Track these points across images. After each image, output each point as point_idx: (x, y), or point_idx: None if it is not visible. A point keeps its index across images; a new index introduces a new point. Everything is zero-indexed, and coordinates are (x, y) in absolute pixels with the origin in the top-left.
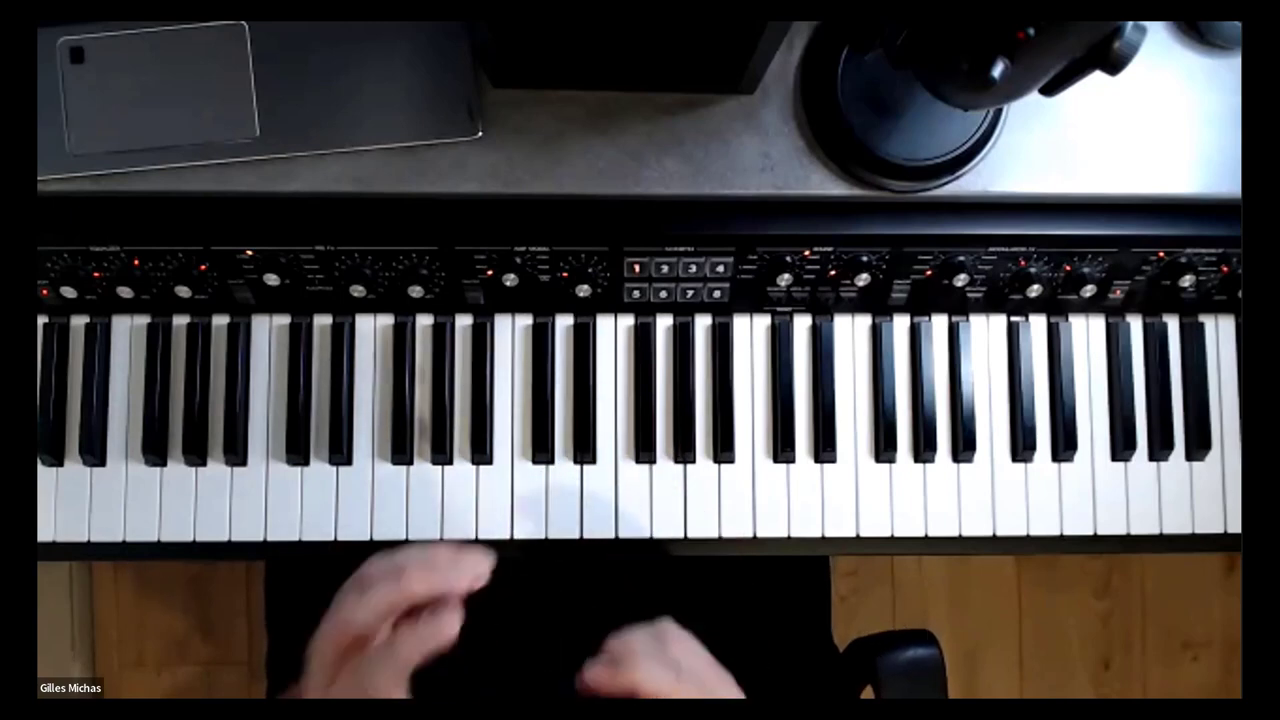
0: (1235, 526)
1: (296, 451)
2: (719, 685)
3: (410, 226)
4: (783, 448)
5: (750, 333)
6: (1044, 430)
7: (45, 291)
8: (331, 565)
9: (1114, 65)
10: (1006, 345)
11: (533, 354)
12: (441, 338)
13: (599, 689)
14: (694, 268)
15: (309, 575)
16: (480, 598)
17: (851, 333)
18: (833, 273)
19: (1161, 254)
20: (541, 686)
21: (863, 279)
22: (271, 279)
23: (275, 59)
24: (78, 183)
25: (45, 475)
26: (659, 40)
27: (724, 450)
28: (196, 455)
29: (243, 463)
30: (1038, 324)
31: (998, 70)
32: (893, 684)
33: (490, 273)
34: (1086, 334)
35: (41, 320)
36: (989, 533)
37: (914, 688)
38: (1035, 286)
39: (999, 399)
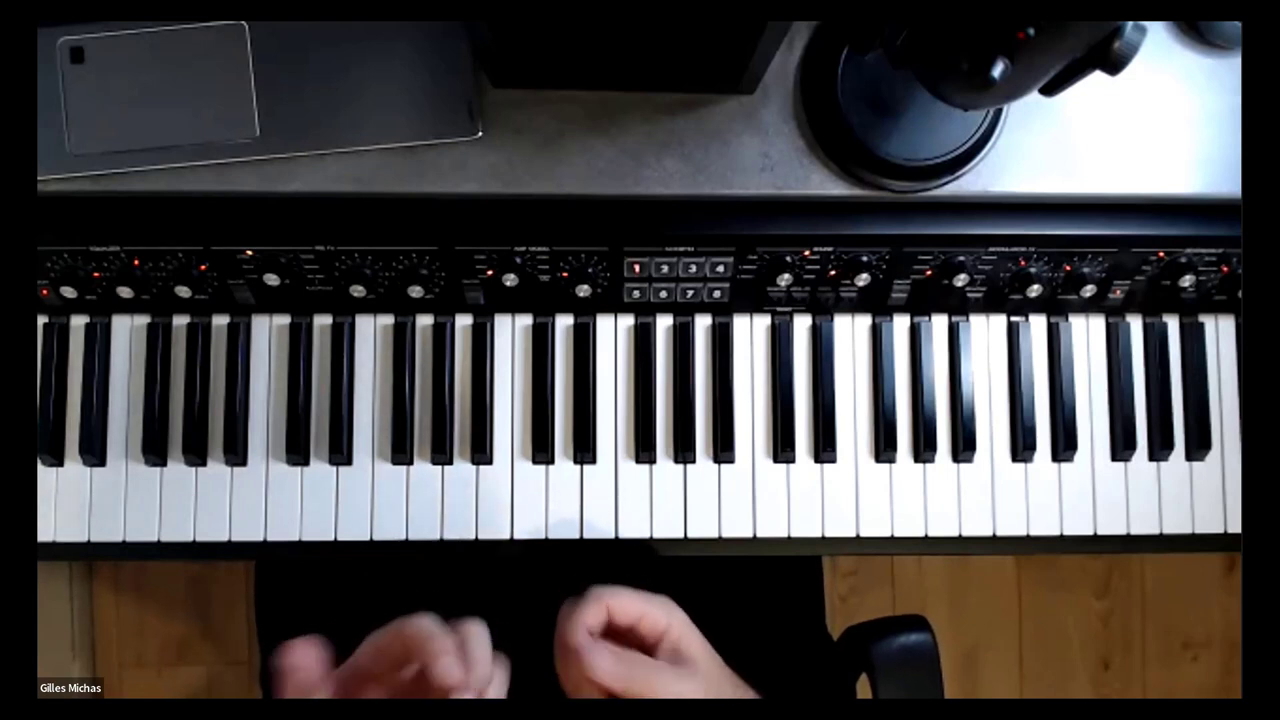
0: (1235, 526)
1: (296, 451)
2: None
3: (410, 226)
4: (783, 448)
5: (750, 333)
6: (1044, 430)
7: (45, 291)
8: (319, 571)
9: (1114, 65)
10: (1006, 345)
11: (533, 354)
12: (441, 338)
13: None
14: (694, 268)
15: (298, 582)
16: (478, 598)
17: (851, 333)
18: (833, 273)
19: (1161, 254)
20: (540, 687)
21: (863, 279)
22: (271, 279)
23: (275, 59)
24: (78, 183)
25: (45, 475)
26: (659, 40)
27: (724, 450)
28: (196, 455)
29: (243, 463)
30: (1038, 324)
31: (998, 70)
32: (887, 671)
33: (490, 273)
34: (1086, 334)
35: (41, 320)
36: (989, 533)
37: (909, 674)
38: (1035, 286)
39: (999, 399)
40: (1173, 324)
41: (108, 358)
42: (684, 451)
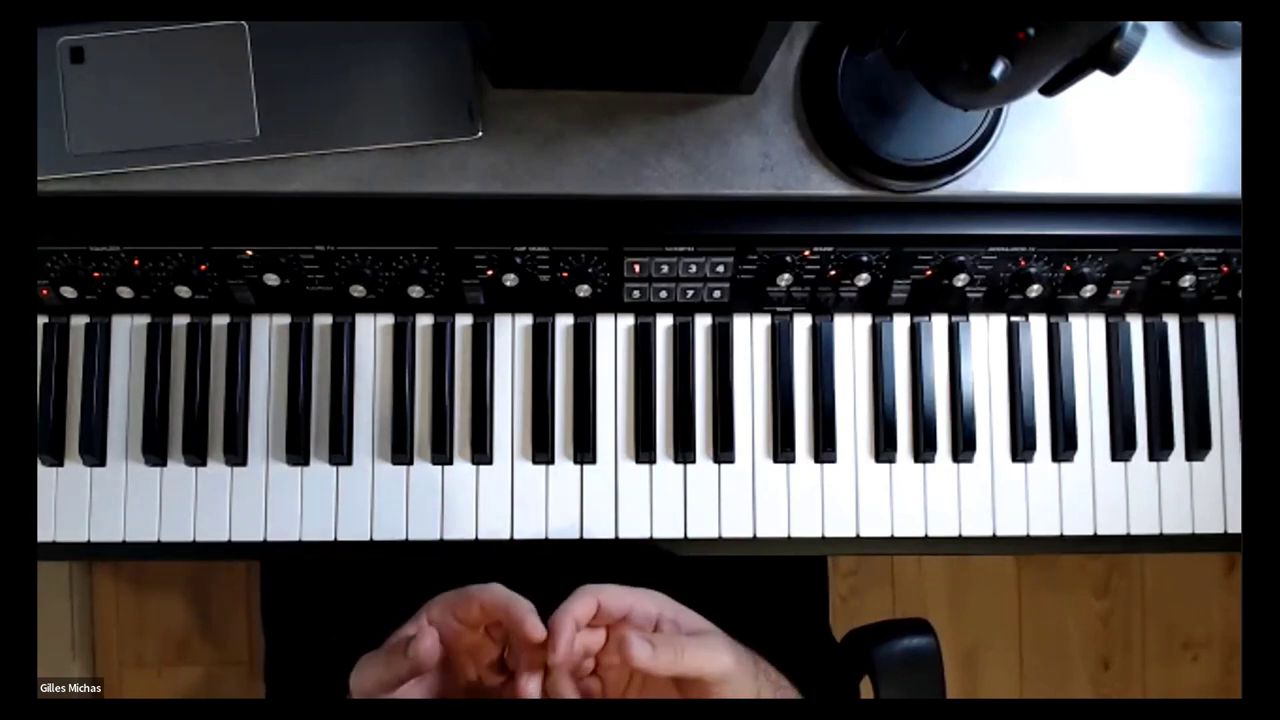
0: (1235, 526)
1: (296, 451)
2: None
3: (410, 226)
4: (783, 448)
5: (750, 333)
6: (1044, 430)
7: (45, 291)
8: (326, 570)
9: (1114, 65)
10: (1006, 345)
11: (533, 354)
12: (441, 338)
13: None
14: (694, 268)
15: (305, 580)
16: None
17: (851, 333)
18: (833, 273)
19: (1161, 254)
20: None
21: (863, 279)
22: (271, 279)
23: (275, 59)
24: (78, 183)
25: (45, 475)
26: (659, 40)
27: (724, 450)
28: (196, 455)
29: (243, 463)
30: (1038, 324)
31: (998, 70)
32: (889, 674)
33: (490, 273)
34: (1086, 334)
35: (41, 320)
36: (989, 533)
37: (911, 677)
38: (1035, 286)
39: (999, 399)
40: (1173, 324)
41: (108, 358)
42: (684, 451)
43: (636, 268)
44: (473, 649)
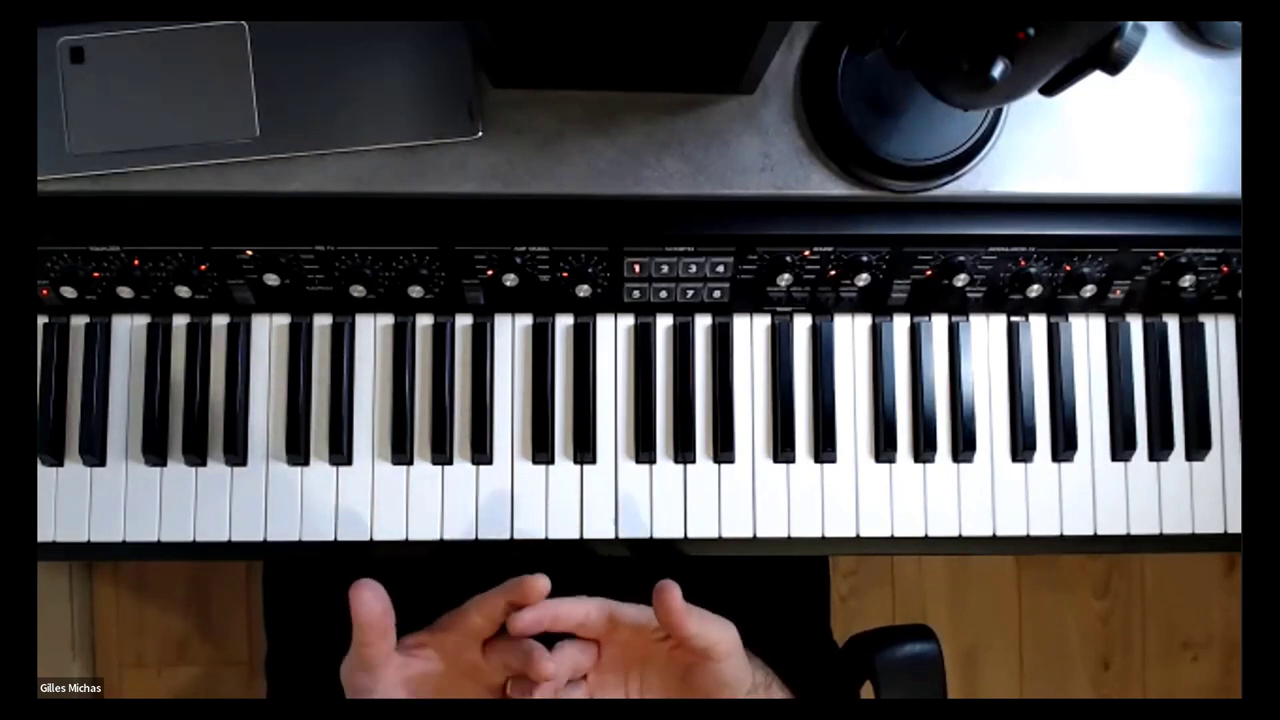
0: (1235, 526)
1: (296, 451)
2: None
3: (410, 226)
4: (783, 448)
5: (750, 333)
6: (1044, 430)
7: (45, 291)
8: (328, 566)
9: (1114, 65)
10: (1006, 345)
11: (533, 354)
12: (441, 338)
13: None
14: (694, 268)
15: (307, 576)
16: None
17: (851, 333)
18: (833, 273)
19: (1161, 254)
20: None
21: (863, 279)
22: (271, 279)
23: (275, 59)
24: (78, 183)
25: (45, 475)
26: (659, 40)
27: (724, 450)
28: (196, 455)
29: (243, 463)
30: (1038, 324)
31: (998, 70)
32: (891, 680)
33: (490, 273)
34: (1086, 334)
35: (41, 320)
36: (989, 533)
37: (913, 684)
38: (1035, 286)
39: (999, 399)
40: (1173, 324)
41: (108, 358)
42: (684, 451)
43: (636, 268)
44: (472, 670)
